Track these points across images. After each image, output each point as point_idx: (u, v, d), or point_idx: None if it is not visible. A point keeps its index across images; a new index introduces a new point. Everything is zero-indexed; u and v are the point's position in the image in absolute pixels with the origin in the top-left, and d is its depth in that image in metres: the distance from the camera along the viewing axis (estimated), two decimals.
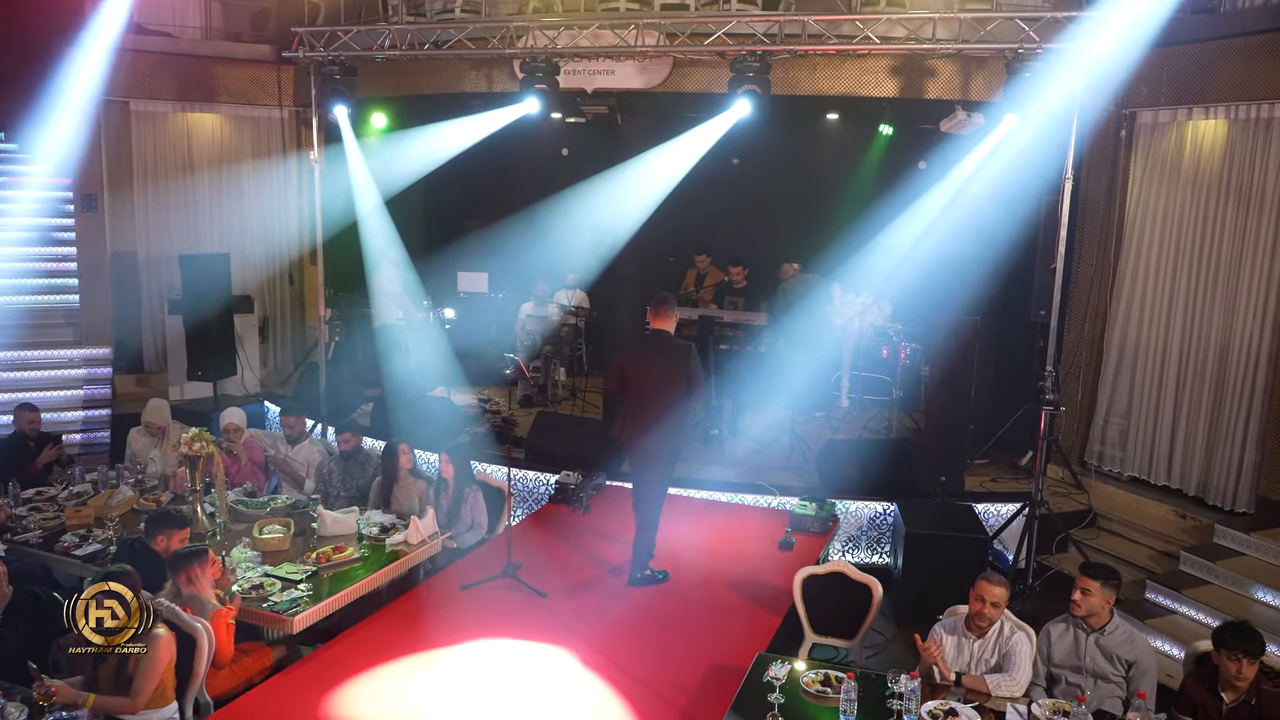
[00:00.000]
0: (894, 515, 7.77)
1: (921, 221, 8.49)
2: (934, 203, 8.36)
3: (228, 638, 5.01)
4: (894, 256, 8.93)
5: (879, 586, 5.58)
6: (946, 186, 8.23)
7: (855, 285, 10.02)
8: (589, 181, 10.34)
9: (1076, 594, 4.85)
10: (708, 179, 11.01)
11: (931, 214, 8.40)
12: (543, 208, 11.30)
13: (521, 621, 5.68)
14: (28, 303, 11.26)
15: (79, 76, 10.33)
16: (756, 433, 9.60)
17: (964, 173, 8.13)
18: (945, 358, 7.24)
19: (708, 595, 6.19)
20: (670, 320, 6.34)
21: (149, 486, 7.09)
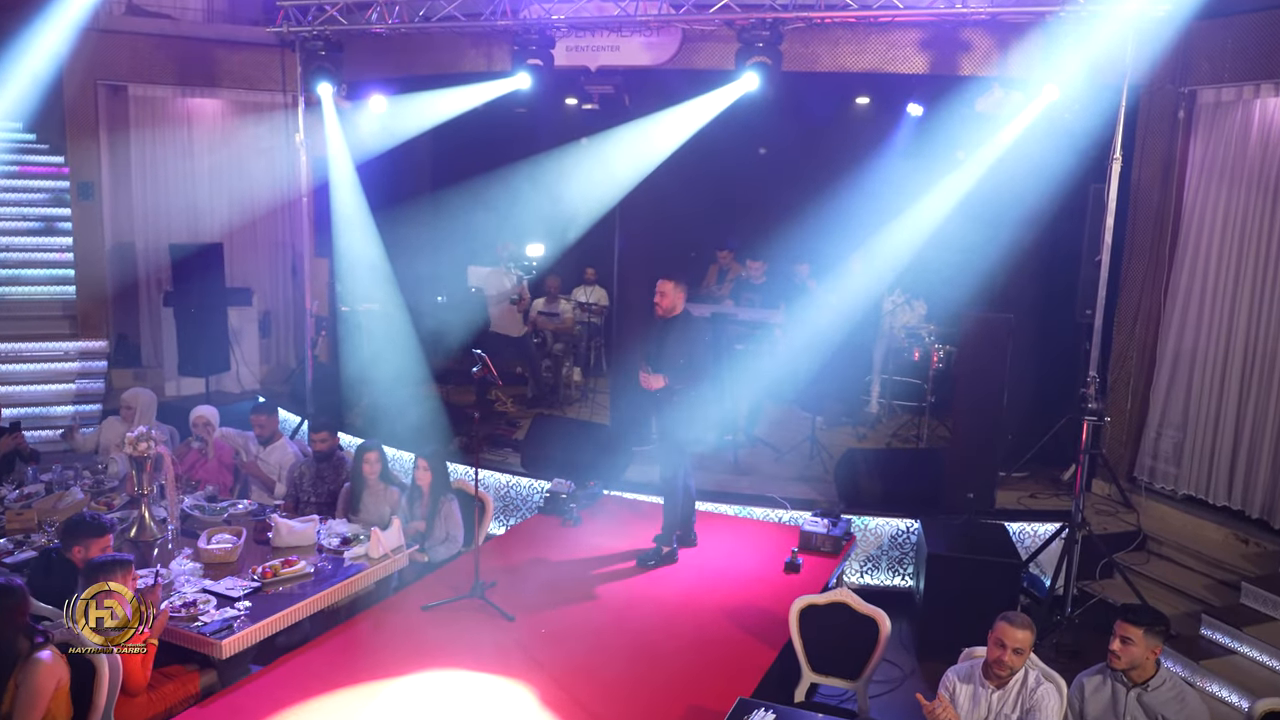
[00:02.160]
0: (918, 534, 7.04)
1: (954, 209, 7.71)
2: (967, 189, 7.58)
3: (141, 662, 4.46)
4: (925, 249, 8.17)
5: (886, 621, 4.87)
6: (981, 170, 7.44)
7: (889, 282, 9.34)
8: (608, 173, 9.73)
9: (1115, 643, 4.11)
10: (734, 170, 10.37)
11: (964, 201, 7.61)
12: (561, 200, 10.72)
13: (481, 649, 5.06)
14: (25, 293, 11.00)
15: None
16: (775, 439, 8.93)
17: (999, 154, 7.34)
18: (974, 359, 6.49)
19: (697, 624, 5.52)
20: None
21: (108, 488, 6.61)
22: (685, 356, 6.18)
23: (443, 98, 8.27)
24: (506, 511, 8.00)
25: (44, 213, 11.73)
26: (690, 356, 6.20)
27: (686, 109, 7.58)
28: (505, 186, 10.99)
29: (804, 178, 8.63)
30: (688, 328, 6.26)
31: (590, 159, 8.74)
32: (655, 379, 6.14)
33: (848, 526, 6.72)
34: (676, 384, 6.15)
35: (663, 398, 6.22)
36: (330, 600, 5.37)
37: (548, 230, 10.76)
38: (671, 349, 6.18)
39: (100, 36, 10.35)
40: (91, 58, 10.31)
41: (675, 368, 6.16)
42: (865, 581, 7.27)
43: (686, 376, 6.19)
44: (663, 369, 6.16)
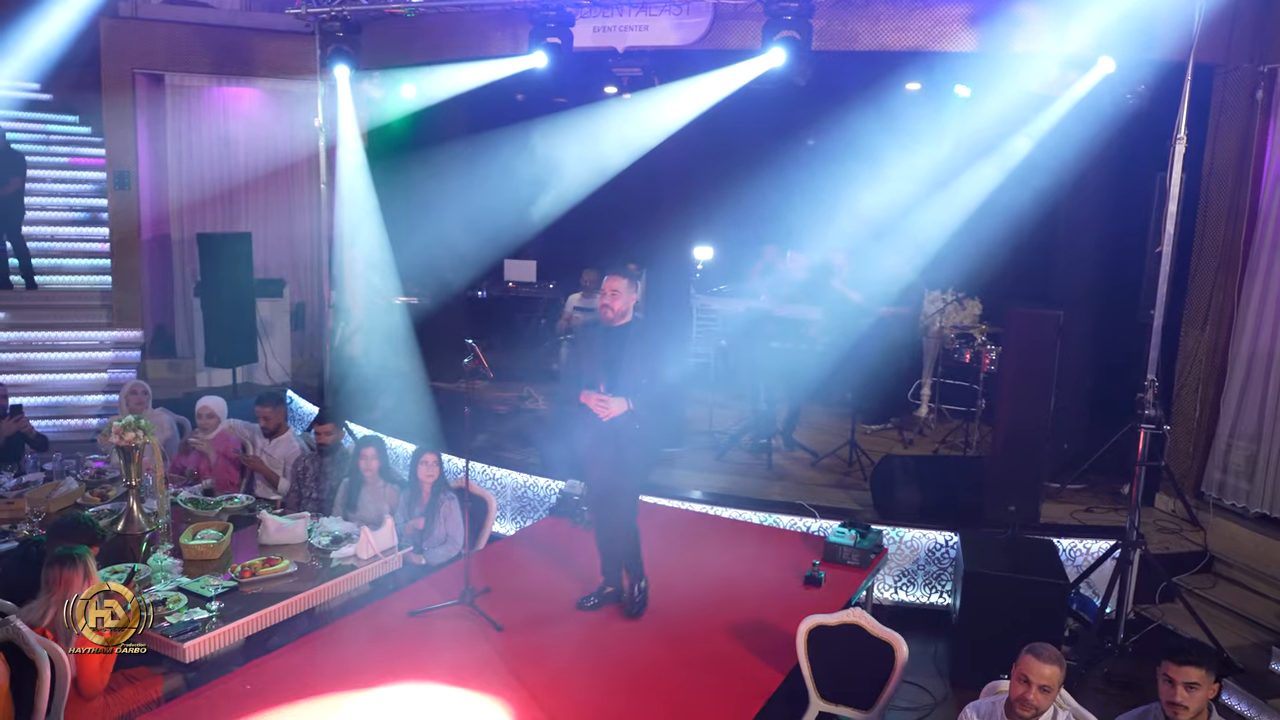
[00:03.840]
0: (956, 548, 6.51)
1: (1004, 197, 7.16)
2: (1015, 174, 7.02)
3: (99, 664, 4.20)
4: (972, 241, 7.62)
5: (903, 646, 4.39)
6: (1033, 154, 6.88)
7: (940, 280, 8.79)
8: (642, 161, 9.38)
9: (1179, 692, 3.56)
10: (781, 163, 9.90)
11: (1014, 188, 7.05)
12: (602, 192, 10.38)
13: (462, 661, 4.71)
14: (66, 282, 11.06)
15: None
16: (815, 443, 8.44)
17: (1055, 137, 6.77)
18: (1018, 359, 5.94)
19: (701, 641, 5.08)
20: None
21: (106, 479, 6.43)
22: (648, 374, 5.06)
23: (458, 72, 7.93)
24: (523, 512, 7.67)
25: (89, 203, 11.83)
26: (654, 374, 5.09)
27: (706, 81, 7.11)
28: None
29: (845, 166, 8.11)
30: (646, 337, 5.13)
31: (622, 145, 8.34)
32: (614, 404, 4.96)
33: (878, 538, 6.22)
34: (641, 409, 5.05)
35: (622, 428, 5.04)
36: (311, 603, 5.08)
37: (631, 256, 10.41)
38: (630, 365, 5.01)
39: (139, 26, 10.34)
40: (130, 47, 10.30)
41: (637, 388, 5.02)
42: (899, 598, 6.76)
43: (651, 399, 5.09)
44: (621, 390, 5.00)
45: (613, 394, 4.98)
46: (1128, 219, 7.14)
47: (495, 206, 10.62)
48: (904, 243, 8.16)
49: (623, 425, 5.07)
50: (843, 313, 8.07)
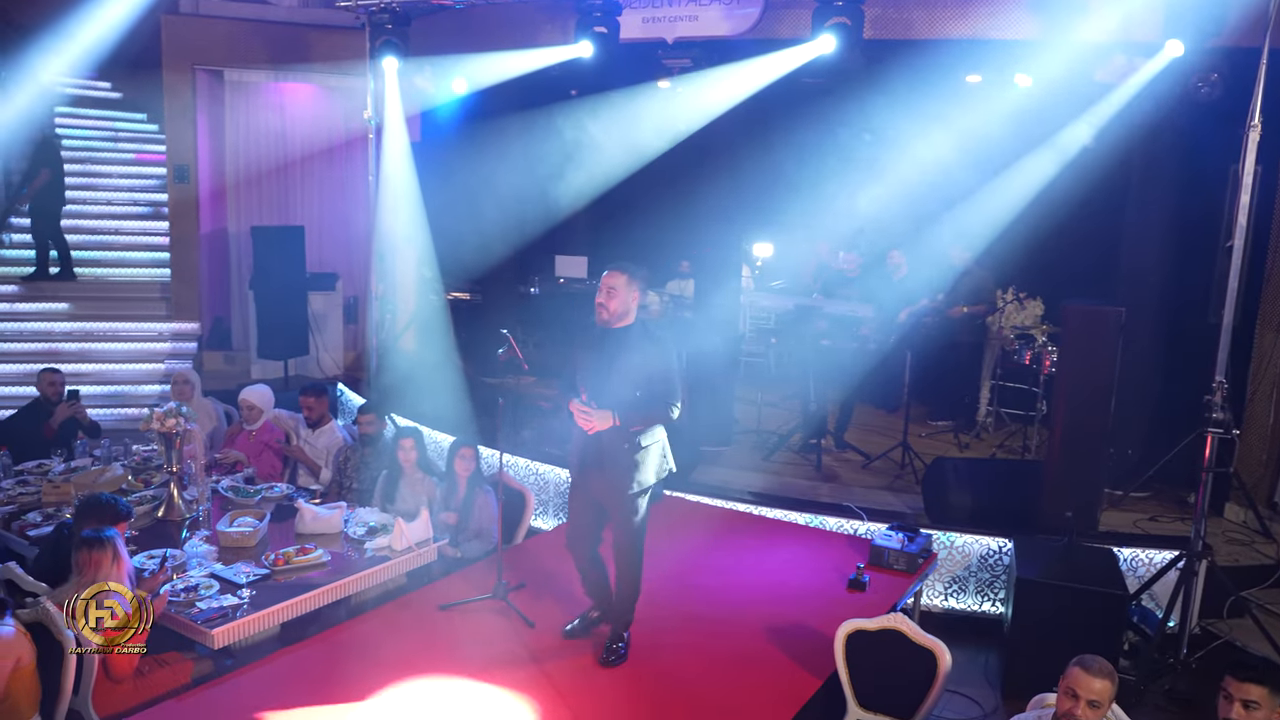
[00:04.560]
0: (1010, 555, 6.25)
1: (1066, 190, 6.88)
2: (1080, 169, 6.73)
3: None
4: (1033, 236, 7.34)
5: (946, 655, 4.19)
6: (1097, 147, 6.60)
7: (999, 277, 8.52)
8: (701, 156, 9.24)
9: (1236, 709, 3.33)
10: (839, 157, 9.69)
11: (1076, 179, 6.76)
12: (654, 187, 10.26)
13: (489, 656, 4.62)
14: (128, 275, 11.30)
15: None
16: (868, 445, 8.22)
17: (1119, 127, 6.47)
18: (1077, 358, 5.66)
19: (737, 643, 4.92)
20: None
21: (151, 465, 6.49)
22: (644, 386, 4.39)
23: (505, 60, 7.86)
24: (566, 508, 7.56)
25: (152, 198, 12.09)
26: (651, 386, 4.41)
27: (753, 66, 6.93)
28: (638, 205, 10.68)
29: (899, 161, 7.90)
30: (647, 344, 4.44)
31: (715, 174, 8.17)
32: (599, 417, 4.37)
33: (927, 543, 5.99)
34: (631, 425, 4.43)
35: (609, 444, 4.47)
36: (343, 592, 5.05)
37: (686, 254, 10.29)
38: (623, 375, 4.38)
39: (199, 22, 10.50)
40: (190, 43, 10.47)
41: (630, 402, 4.40)
42: (949, 605, 6.52)
43: (646, 415, 4.47)
44: (609, 403, 4.39)
45: (598, 404, 4.40)
46: (1198, 213, 6.79)
47: (546, 201, 10.58)
48: (962, 237, 7.90)
49: (609, 443, 4.47)
50: (897, 310, 7.83)
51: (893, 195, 8.41)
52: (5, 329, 10.29)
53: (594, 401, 4.41)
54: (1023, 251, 8.46)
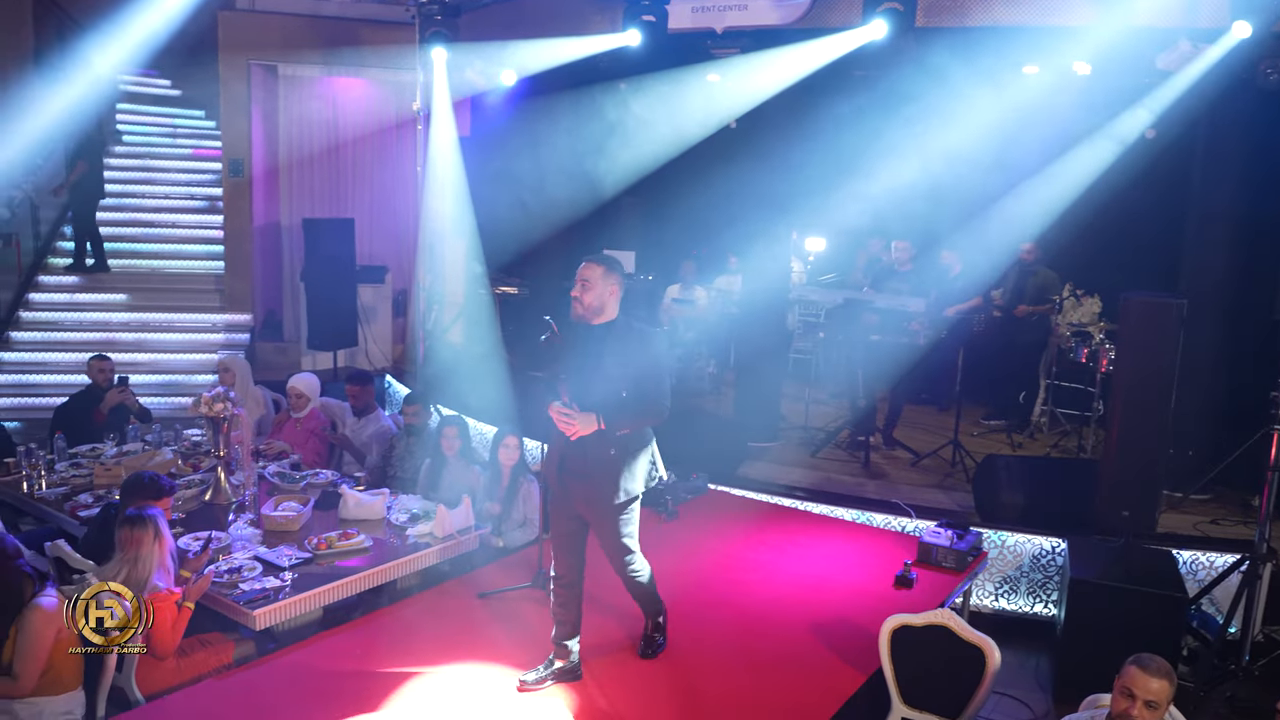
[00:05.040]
0: (1064, 555, 6.07)
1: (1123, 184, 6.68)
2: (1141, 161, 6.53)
3: (171, 626, 4.24)
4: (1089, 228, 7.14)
5: (995, 652, 4.06)
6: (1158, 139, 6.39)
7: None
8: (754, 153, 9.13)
9: None
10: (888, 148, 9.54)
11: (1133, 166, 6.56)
12: (703, 182, 10.18)
13: (526, 644, 4.57)
14: (184, 267, 11.50)
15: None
16: (916, 443, 8.06)
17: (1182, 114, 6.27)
18: (1135, 353, 5.47)
19: (779, 638, 4.83)
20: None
21: (201, 450, 6.58)
22: (631, 386, 4.11)
23: (553, 47, 7.83)
24: None
25: (208, 192, 12.30)
26: (638, 386, 4.12)
27: (800, 51, 6.81)
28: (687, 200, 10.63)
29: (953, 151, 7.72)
30: (633, 340, 4.17)
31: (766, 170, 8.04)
32: (581, 420, 4.06)
33: (977, 541, 5.84)
34: (617, 429, 4.12)
35: (593, 450, 4.15)
36: (384, 578, 5.05)
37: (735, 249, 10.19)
38: (608, 374, 4.09)
39: (255, 18, 10.64)
40: (246, 39, 10.62)
41: (615, 403, 4.10)
42: (1000, 606, 6.36)
43: (633, 418, 4.15)
44: (593, 405, 4.09)
45: (581, 407, 4.09)
46: (1265, 205, 6.56)
47: (593, 195, 10.56)
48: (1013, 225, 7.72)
49: (593, 449, 4.14)
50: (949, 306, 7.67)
51: (944, 187, 8.24)
52: (65, 319, 10.53)
53: (576, 403, 4.09)
54: (1079, 246, 8.26)
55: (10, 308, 10.39)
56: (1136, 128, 6.70)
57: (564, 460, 4.29)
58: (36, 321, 10.45)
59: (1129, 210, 7.18)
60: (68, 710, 3.86)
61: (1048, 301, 8.32)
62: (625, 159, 10.01)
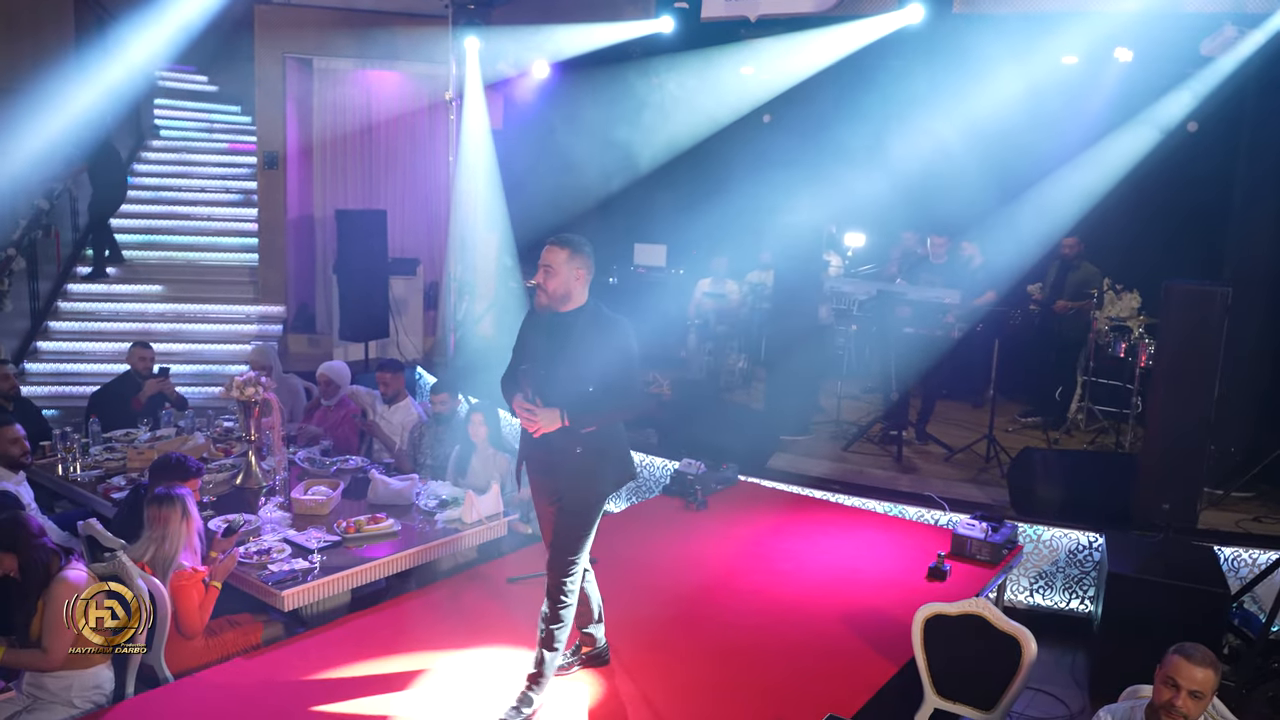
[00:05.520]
0: (1101, 550, 5.95)
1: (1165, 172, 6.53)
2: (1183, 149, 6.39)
3: (199, 605, 4.26)
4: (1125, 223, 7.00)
5: (1031, 643, 3.97)
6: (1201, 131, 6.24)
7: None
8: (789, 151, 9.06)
9: None
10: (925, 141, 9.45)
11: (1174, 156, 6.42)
12: (736, 175, 10.12)
13: None
14: (219, 259, 11.60)
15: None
16: (949, 437, 7.94)
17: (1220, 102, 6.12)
18: (1178, 341, 5.35)
19: (810, 628, 4.77)
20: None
21: (233, 436, 6.62)
22: (598, 379, 3.81)
23: (583, 33, 7.79)
24: (639, 492, 7.49)
25: (244, 185, 12.39)
26: (607, 379, 3.82)
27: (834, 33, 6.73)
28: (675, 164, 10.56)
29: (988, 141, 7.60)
30: (600, 329, 3.85)
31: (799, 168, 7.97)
32: (544, 417, 3.75)
33: (1012, 534, 5.74)
34: (583, 426, 3.82)
35: (559, 449, 3.86)
36: (412, 562, 5.05)
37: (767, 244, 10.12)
38: (573, 367, 3.80)
39: (291, 12, 10.71)
40: (281, 32, 10.69)
41: (581, 398, 3.81)
42: (1035, 601, 6.24)
43: (601, 414, 3.87)
44: (557, 400, 3.79)
45: (544, 402, 3.79)
46: None
47: (627, 188, 10.53)
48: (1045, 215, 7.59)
49: (558, 447, 3.85)
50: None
51: (978, 177, 8.12)
52: (102, 310, 10.65)
53: (540, 398, 3.79)
54: (1118, 239, 8.10)
55: (49, 298, 10.53)
56: (1179, 115, 6.55)
57: (529, 460, 4.06)
58: (74, 312, 10.57)
59: (1170, 202, 7.03)
60: (96, 685, 3.88)
61: (1087, 296, 8.17)
62: (657, 151, 9.99)
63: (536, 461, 4.05)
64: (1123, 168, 6.97)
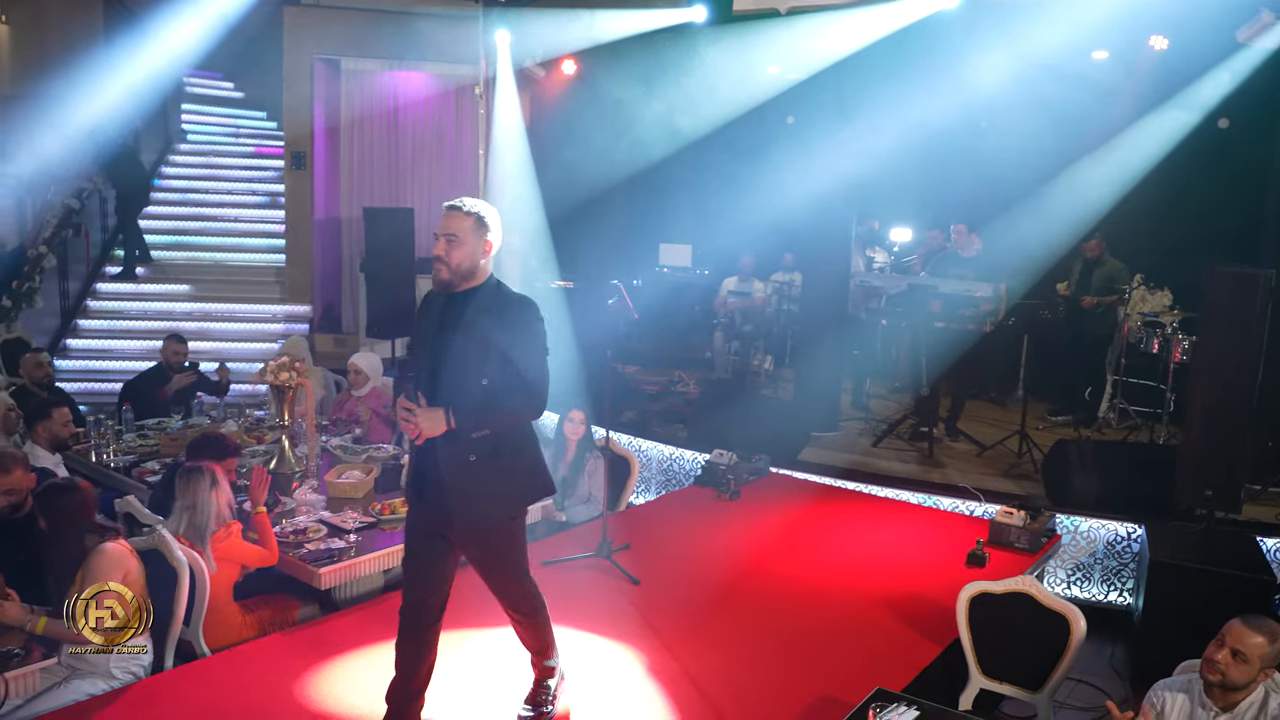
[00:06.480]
0: (1140, 541, 5.87)
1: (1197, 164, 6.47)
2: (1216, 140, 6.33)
3: (251, 545, 4.31)
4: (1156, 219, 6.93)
5: (1080, 620, 3.91)
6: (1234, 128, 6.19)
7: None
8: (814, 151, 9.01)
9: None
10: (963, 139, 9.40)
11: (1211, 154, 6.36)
12: (763, 179, 10.10)
13: (593, 609, 4.52)
14: (246, 260, 11.68)
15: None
16: (979, 434, 7.86)
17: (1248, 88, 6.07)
18: (1218, 326, 5.27)
19: (850, 611, 4.72)
20: None
21: (265, 425, 6.63)
22: (495, 370, 3.19)
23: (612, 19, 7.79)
24: (668, 485, 7.46)
25: (269, 188, 12.49)
26: (506, 369, 3.20)
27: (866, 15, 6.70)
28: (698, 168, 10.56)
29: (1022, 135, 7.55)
30: (500, 312, 3.23)
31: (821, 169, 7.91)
32: (426, 419, 3.13)
33: (1051, 522, 5.67)
34: (474, 429, 3.18)
35: (448, 458, 3.21)
36: None
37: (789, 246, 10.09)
38: (464, 356, 3.20)
39: (320, 13, 10.80)
40: (311, 34, 10.78)
41: (474, 394, 3.18)
42: (1072, 594, 6.16)
43: (495, 413, 3.21)
44: (444, 396, 3.19)
45: (429, 400, 3.18)
46: None
47: (650, 187, 10.53)
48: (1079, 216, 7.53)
49: (447, 456, 3.21)
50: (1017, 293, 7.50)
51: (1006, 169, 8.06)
52: (130, 308, 10.73)
53: (425, 396, 3.19)
54: (1147, 236, 8.03)
55: (78, 297, 10.61)
56: (1214, 99, 6.48)
57: (415, 473, 3.37)
58: (103, 310, 10.67)
59: (1201, 195, 6.94)
60: (135, 657, 3.86)
61: (1114, 292, 8.09)
62: (681, 150, 9.98)
63: (426, 471, 3.30)
64: (1151, 160, 6.89)
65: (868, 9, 6.77)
